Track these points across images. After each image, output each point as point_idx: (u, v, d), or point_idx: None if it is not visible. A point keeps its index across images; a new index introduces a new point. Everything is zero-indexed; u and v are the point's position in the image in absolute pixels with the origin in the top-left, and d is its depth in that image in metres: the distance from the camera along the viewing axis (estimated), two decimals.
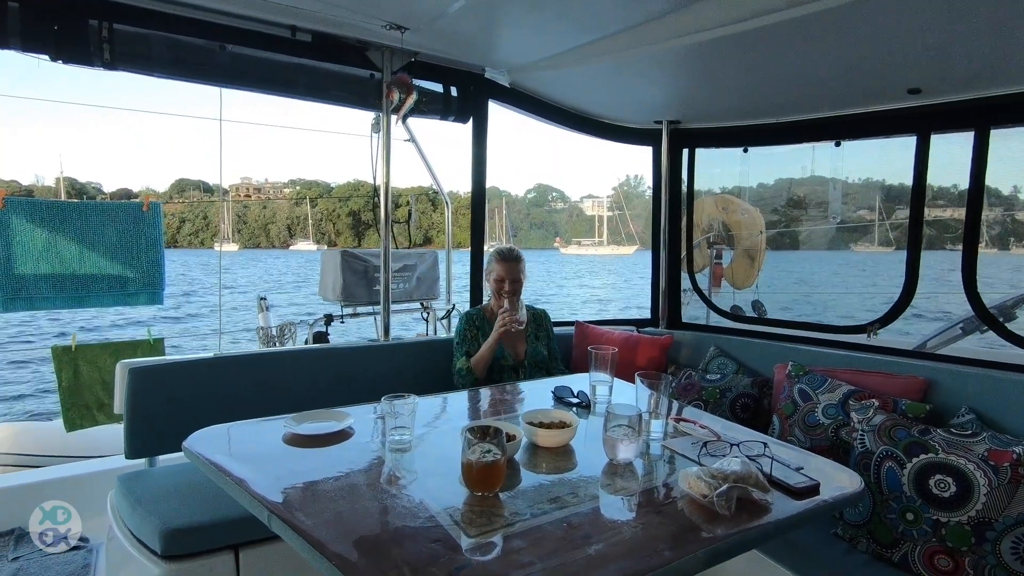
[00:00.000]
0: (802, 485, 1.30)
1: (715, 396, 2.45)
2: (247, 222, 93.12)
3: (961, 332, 2.71)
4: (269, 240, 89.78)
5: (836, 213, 3.88)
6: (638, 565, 0.99)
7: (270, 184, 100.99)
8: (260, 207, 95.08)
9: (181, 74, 2.37)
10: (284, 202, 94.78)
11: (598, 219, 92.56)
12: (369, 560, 0.98)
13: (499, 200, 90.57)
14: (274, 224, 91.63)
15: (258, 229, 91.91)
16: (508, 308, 2.43)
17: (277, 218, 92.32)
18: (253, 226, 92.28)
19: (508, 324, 2.39)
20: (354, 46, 2.56)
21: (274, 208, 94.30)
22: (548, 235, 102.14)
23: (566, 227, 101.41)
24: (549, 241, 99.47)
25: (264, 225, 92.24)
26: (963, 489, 1.54)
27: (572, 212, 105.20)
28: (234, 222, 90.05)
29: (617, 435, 1.38)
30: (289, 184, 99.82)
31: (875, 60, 2.07)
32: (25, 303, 2.82)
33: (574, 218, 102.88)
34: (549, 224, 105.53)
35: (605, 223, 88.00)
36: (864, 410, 1.86)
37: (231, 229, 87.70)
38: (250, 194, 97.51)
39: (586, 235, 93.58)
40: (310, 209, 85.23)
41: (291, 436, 1.51)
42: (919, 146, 2.34)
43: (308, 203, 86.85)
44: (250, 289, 30.86)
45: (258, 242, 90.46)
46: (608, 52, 2.35)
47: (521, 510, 1.16)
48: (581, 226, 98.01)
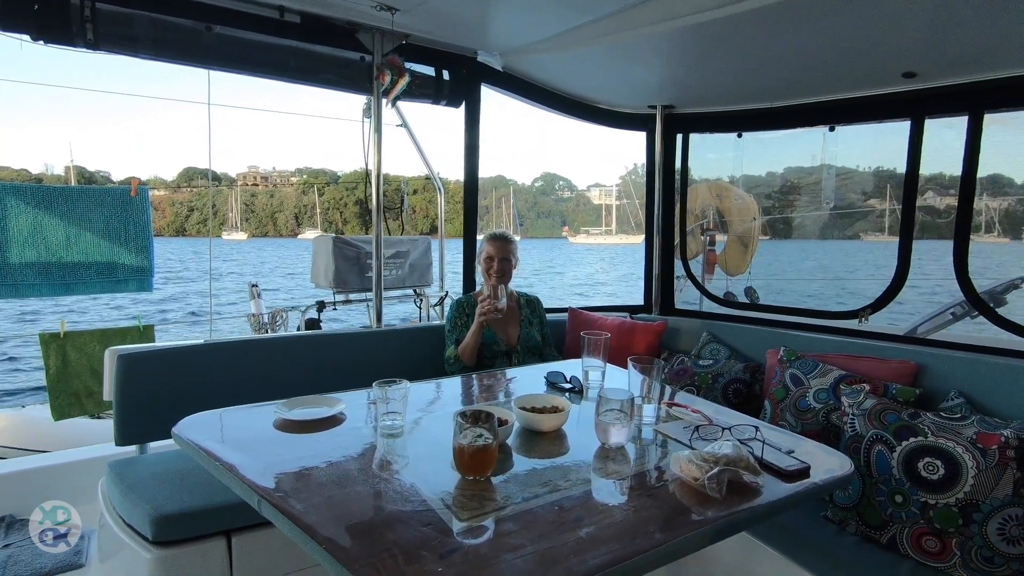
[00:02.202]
0: (793, 468, 1.31)
1: (707, 381, 2.46)
2: (255, 211, 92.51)
3: (952, 317, 2.72)
4: (277, 229, 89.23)
5: (829, 198, 3.87)
6: (629, 547, 0.99)
7: (277, 173, 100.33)
8: (268, 196, 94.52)
9: (167, 55, 2.32)
10: (291, 191, 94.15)
11: (605, 208, 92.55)
12: (360, 544, 0.97)
13: (506, 189, 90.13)
14: (281, 213, 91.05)
15: (266, 218, 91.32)
16: (488, 295, 2.40)
17: (285, 207, 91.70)
18: (261, 215, 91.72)
19: (488, 312, 2.37)
20: (344, 28, 2.51)
21: (281, 197, 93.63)
22: (555, 224, 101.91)
23: (572, 216, 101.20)
24: (556, 230, 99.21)
25: (272, 214, 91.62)
26: (951, 472, 1.56)
27: (579, 201, 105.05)
28: (242, 211, 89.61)
29: (609, 419, 1.38)
30: (296, 173, 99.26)
31: (869, 43, 2.05)
32: (11, 290, 2.78)
33: (581, 207, 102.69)
34: (556, 213, 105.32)
35: (614, 212, 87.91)
36: (855, 394, 1.87)
37: (239, 218, 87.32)
38: (257, 182, 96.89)
39: (593, 224, 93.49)
40: (318, 198, 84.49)
41: (282, 422, 1.50)
42: (913, 131, 2.33)
43: (316, 192, 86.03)
44: (265, 275, 30.91)
45: (266, 231, 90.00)
46: (602, 34, 2.32)
47: (513, 494, 1.16)
48: (588, 215, 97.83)
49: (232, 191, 76.85)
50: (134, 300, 18.76)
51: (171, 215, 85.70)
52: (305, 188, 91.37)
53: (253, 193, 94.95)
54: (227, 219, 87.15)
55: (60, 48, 2.13)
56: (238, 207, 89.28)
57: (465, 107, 2.91)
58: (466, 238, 2.97)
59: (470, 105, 2.91)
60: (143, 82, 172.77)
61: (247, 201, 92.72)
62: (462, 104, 2.91)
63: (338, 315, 3.88)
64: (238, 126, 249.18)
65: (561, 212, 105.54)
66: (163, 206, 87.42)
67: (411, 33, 2.59)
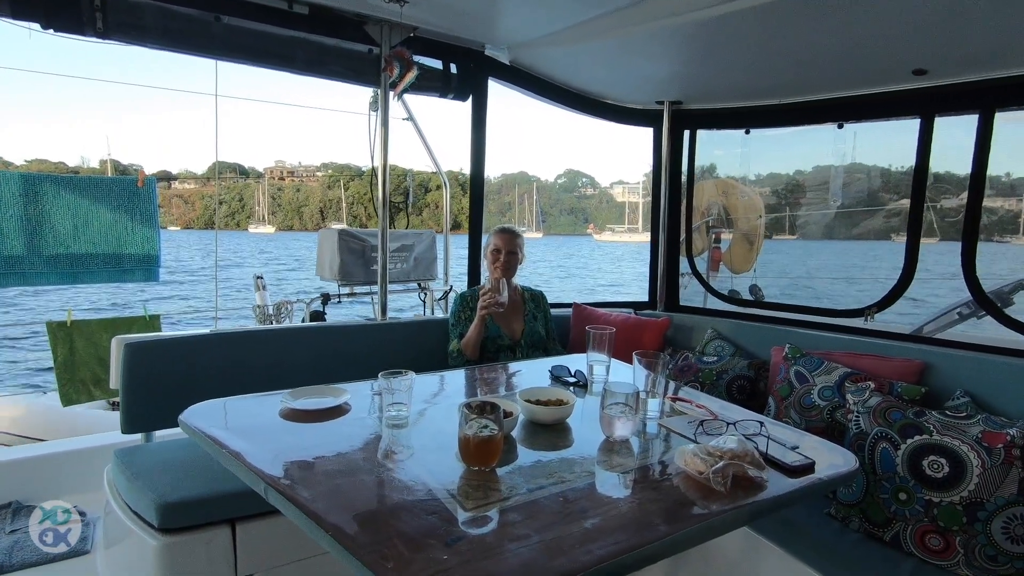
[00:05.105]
0: (797, 463, 1.31)
1: (712, 378, 2.46)
2: (281, 205, 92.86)
3: (959, 317, 2.71)
4: (302, 223, 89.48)
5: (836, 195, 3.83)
6: (634, 539, 0.99)
7: (303, 167, 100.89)
8: (294, 190, 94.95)
9: (175, 45, 2.32)
10: (317, 185, 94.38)
11: (629, 206, 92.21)
12: (366, 532, 0.98)
13: (529, 185, 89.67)
14: (307, 207, 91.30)
15: (292, 212, 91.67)
16: (490, 289, 2.38)
17: (310, 201, 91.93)
18: (287, 209, 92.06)
19: (489, 305, 2.36)
20: (352, 19, 2.50)
21: (307, 191, 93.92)
22: (578, 221, 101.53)
23: (595, 213, 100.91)
24: (580, 227, 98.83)
25: (297, 208, 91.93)
26: (956, 470, 1.56)
27: (602, 198, 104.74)
28: (268, 204, 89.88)
29: (614, 412, 1.38)
30: (321, 167, 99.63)
31: (880, 39, 2.04)
32: (18, 278, 2.80)
33: (604, 204, 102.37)
34: (579, 210, 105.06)
35: (640, 209, 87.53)
36: (860, 392, 1.86)
37: (266, 211, 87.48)
38: (284, 177, 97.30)
39: (616, 222, 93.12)
40: (343, 192, 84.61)
41: (288, 411, 1.51)
42: (923, 129, 2.31)
43: (342, 186, 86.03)
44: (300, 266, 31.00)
45: (291, 224, 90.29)
46: (610, 29, 2.31)
47: (518, 485, 1.16)
48: (611, 213, 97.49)
49: (259, 185, 76.73)
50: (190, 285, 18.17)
51: (200, 208, 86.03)
52: (330, 182, 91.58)
53: (279, 187, 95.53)
54: (254, 212, 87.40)
55: (69, 37, 2.14)
56: (265, 201, 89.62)
57: (472, 101, 2.91)
58: (472, 232, 2.97)
59: (477, 99, 2.90)
60: (185, 76, 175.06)
61: (273, 195, 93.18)
62: (469, 98, 2.91)
63: (341, 308, 3.89)
64: (264, 121, 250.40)
65: (584, 209, 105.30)
66: (193, 199, 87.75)
67: (419, 26, 2.58)
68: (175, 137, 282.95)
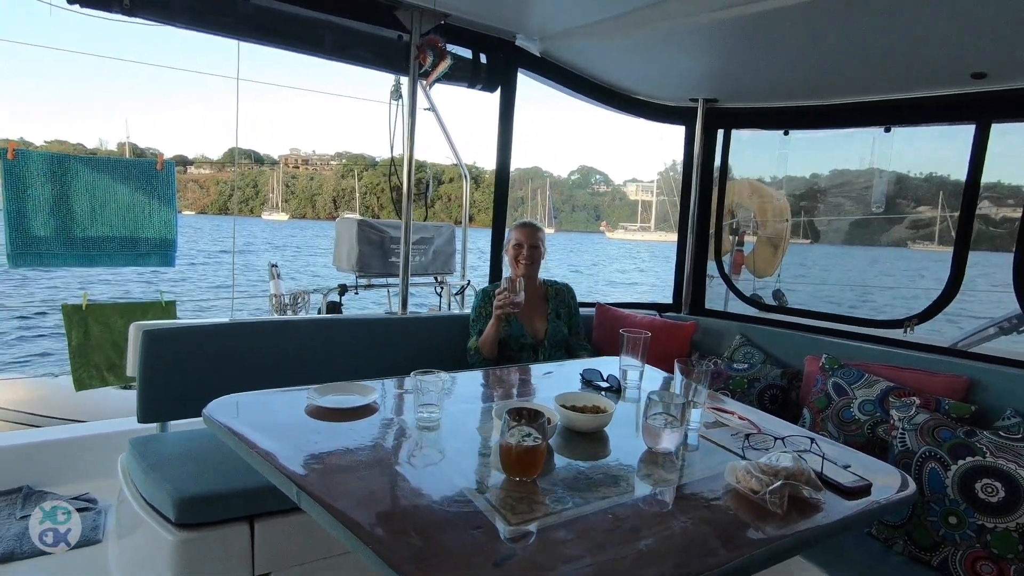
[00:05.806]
0: (855, 485, 1.24)
1: (743, 386, 2.38)
2: (295, 192, 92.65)
3: (997, 331, 2.62)
4: (315, 211, 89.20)
5: (879, 201, 3.72)
6: (694, 563, 0.93)
7: (317, 156, 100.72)
8: (308, 178, 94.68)
9: (201, 25, 2.25)
10: (331, 174, 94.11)
11: (642, 204, 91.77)
12: (408, 546, 0.91)
13: (542, 180, 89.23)
14: (320, 196, 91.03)
15: (305, 200, 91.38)
16: (505, 288, 2.28)
17: (324, 190, 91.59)
18: (301, 196, 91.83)
19: (504, 306, 2.27)
20: (383, 4, 2.43)
21: (320, 180, 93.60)
22: (590, 218, 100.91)
23: (608, 211, 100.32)
24: (592, 224, 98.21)
25: (311, 196, 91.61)
26: (1012, 494, 1.48)
27: (615, 196, 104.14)
28: (282, 192, 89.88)
29: (659, 423, 1.31)
30: (336, 157, 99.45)
31: (939, 38, 1.94)
32: (35, 258, 2.75)
33: (616, 202, 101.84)
34: (591, 207, 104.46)
35: (653, 208, 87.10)
36: (905, 408, 1.78)
37: (280, 199, 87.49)
38: (298, 165, 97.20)
39: (629, 220, 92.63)
40: (357, 182, 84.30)
41: (315, 408, 1.45)
42: (977, 135, 2.21)
43: (356, 176, 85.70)
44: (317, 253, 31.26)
45: (304, 212, 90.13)
46: (646, 22, 2.22)
47: (562, 498, 1.10)
48: (624, 210, 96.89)
49: (274, 172, 76.50)
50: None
51: (215, 193, 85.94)
52: (344, 172, 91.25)
53: (293, 175, 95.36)
54: (268, 199, 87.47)
55: (95, 14, 2.08)
56: (279, 188, 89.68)
57: (501, 92, 2.83)
58: (495, 227, 2.90)
59: (506, 91, 2.82)
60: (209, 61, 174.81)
61: (287, 183, 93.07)
62: (497, 89, 2.83)
63: (357, 299, 3.83)
64: (281, 108, 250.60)
65: (596, 206, 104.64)
66: (208, 184, 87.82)
67: (451, 13, 2.51)
68: (192, 122, 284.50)
